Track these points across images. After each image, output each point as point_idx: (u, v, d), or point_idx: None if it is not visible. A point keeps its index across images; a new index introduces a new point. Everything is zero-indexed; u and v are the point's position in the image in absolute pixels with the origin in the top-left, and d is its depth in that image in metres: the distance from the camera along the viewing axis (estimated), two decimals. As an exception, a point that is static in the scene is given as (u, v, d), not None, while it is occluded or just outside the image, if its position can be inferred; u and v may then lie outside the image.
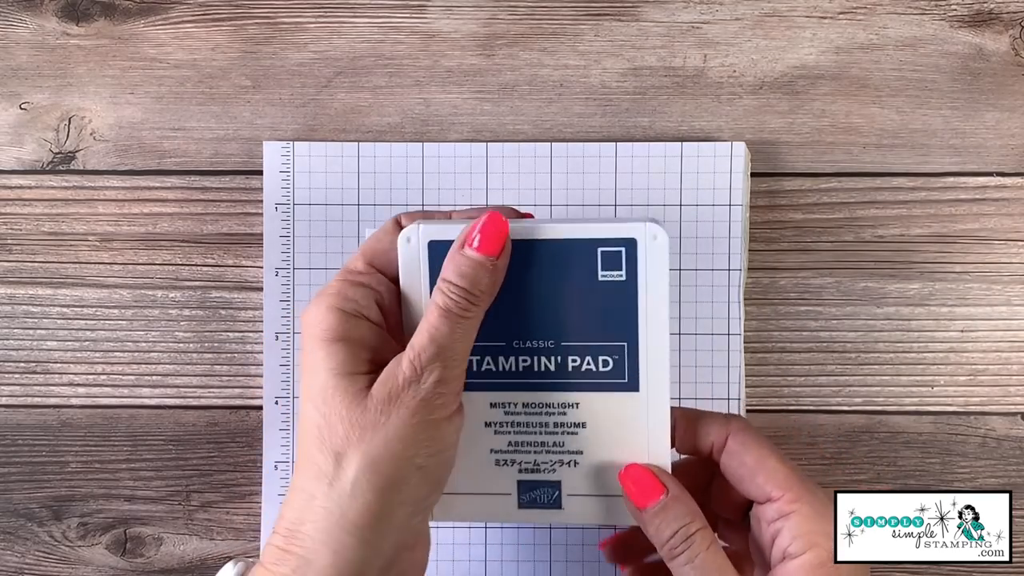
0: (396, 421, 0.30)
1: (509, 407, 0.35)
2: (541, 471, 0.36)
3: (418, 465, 0.31)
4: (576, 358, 0.34)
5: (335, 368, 0.31)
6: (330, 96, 0.45)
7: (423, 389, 0.31)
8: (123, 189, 0.45)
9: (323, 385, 0.31)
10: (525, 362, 0.34)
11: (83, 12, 0.45)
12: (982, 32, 0.45)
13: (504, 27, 0.45)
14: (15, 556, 0.46)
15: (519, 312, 0.34)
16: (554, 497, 0.36)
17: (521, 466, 0.36)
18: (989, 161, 0.45)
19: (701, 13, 0.45)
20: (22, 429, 0.46)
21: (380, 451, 0.30)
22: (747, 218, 0.45)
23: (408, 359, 0.31)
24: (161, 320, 0.45)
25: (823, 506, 0.33)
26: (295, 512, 0.31)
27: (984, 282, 0.45)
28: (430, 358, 0.31)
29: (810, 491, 0.33)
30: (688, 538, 0.32)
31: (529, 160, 0.45)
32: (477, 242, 0.31)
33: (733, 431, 0.34)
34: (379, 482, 0.30)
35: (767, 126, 0.45)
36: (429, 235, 0.33)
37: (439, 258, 0.32)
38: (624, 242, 0.33)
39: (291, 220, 0.45)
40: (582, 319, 0.33)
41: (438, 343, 0.31)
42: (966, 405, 0.45)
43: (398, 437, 0.31)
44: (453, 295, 0.31)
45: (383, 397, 0.31)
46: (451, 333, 0.31)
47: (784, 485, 0.33)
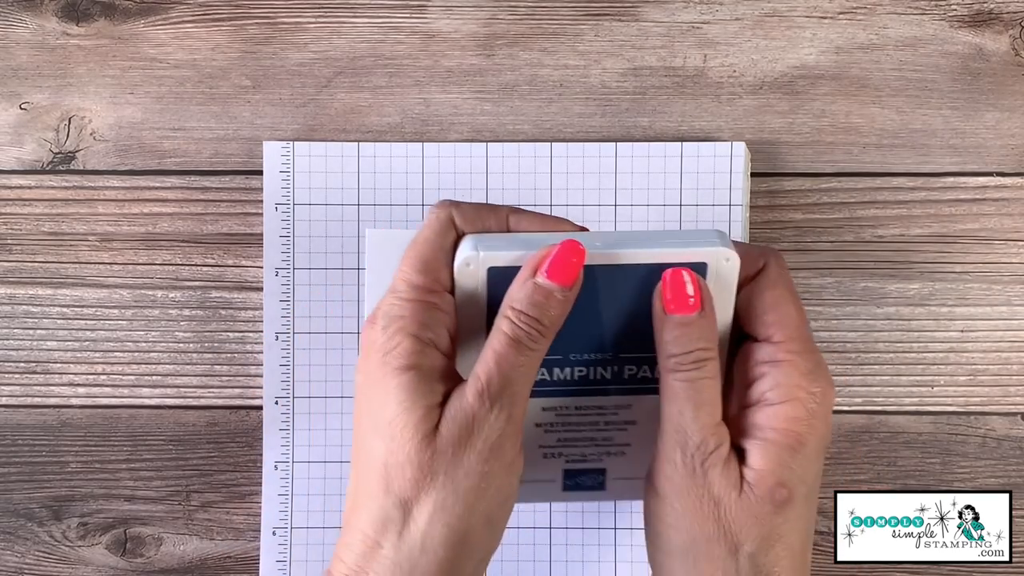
0: (467, 468, 0.29)
1: (561, 410, 0.34)
2: (587, 461, 0.35)
3: (487, 517, 0.30)
4: (633, 367, 0.33)
5: (406, 402, 0.29)
6: (330, 96, 0.45)
7: (494, 428, 0.29)
8: (123, 189, 0.45)
9: (391, 419, 0.29)
10: (581, 372, 0.33)
11: (83, 12, 0.45)
12: (982, 32, 0.45)
13: (504, 27, 0.45)
14: (15, 556, 0.46)
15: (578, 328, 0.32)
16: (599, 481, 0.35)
17: (568, 458, 0.35)
18: (989, 161, 0.45)
19: (701, 13, 0.45)
20: (22, 429, 0.46)
21: (452, 503, 0.29)
22: (747, 218, 0.45)
23: (475, 390, 0.29)
24: (161, 320, 0.46)
25: (816, 366, 0.31)
26: (356, 557, 0.30)
27: (984, 282, 0.45)
28: (499, 389, 0.29)
29: (809, 348, 0.31)
30: (698, 361, 0.30)
31: (529, 160, 0.45)
32: (550, 270, 0.29)
33: (773, 263, 0.32)
34: (451, 537, 0.29)
35: (767, 126, 0.45)
36: (489, 261, 0.31)
37: (499, 284, 0.31)
38: (694, 266, 0.31)
39: (291, 220, 0.45)
40: (643, 335, 0.32)
41: (506, 373, 0.29)
42: (966, 405, 0.45)
43: (470, 487, 0.29)
44: (523, 324, 0.29)
45: (453, 438, 0.29)
46: (518, 364, 0.29)
47: (791, 334, 0.31)
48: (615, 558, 0.45)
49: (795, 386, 0.30)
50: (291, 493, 0.45)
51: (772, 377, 0.31)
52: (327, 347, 0.45)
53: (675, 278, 0.30)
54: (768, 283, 0.32)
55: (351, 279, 0.45)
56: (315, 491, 0.45)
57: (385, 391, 0.29)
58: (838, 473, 0.45)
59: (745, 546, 0.30)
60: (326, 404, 0.45)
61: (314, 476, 0.45)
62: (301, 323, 0.45)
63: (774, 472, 0.30)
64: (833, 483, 0.45)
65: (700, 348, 0.30)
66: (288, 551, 0.45)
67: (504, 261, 0.31)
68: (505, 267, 0.31)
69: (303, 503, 0.45)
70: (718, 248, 0.31)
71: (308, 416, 0.45)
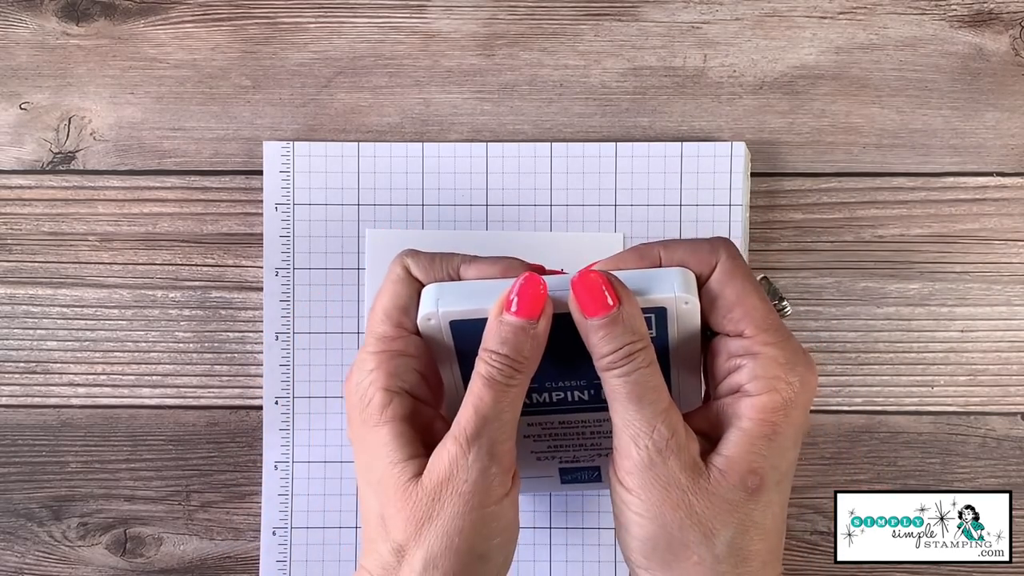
0: (451, 511, 0.30)
1: (547, 425, 0.35)
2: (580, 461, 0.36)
3: (480, 555, 0.30)
4: None
5: (388, 457, 0.31)
6: (330, 96, 0.45)
7: (473, 469, 0.30)
8: (123, 189, 0.45)
9: (379, 474, 0.31)
10: (559, 396, 0.34)
11: (83, 12, 0.45)
12: (982, 32, 0.45)
13: (504, 27, 0.45)
14: (15, 556, 0.46)
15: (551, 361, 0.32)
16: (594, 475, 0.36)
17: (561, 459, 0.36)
18: (989, 161, 0.45)
19: (701, 13, 0.45)
20: (22, 429, 0.46)
21: (438, 548, 0.30)
22: (747, 218, 0.45)
23: (453, 436, 0.30)
24: (161, 320, 0.46)
25: (793, 354, 0.31)
26: None
27: (984, 282, 0.45)
28: (476, 431, 0.30)
29: (783, 337, 0.31)
30: (629, 355, 0.30)
31: (529, 160, 0.45)
32: (516, 306, 0.30)
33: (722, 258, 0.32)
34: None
35: (767, 126, 0.45)
36: (450, 316, 0.32)
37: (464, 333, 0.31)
38: (653, 310, 0.31)
39: (291, 220, 0.45)
40: None
41: (482, 414, 0.30)
42: (966, 405, 0.45)
43: (455, 530, 0.30)
44: (495, 363, 0.30)
45: (434, 485, 0.30)
46: (496, 403, 0.30)
47: (761, 325, 0.31)
48: (615, 558, 0.45)
49: (773, 377, 0.31)
50: (291, 493, 0.45)
51: (749, 369, 0.31)
52: (327, 347, 0.45)
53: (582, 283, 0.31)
54: (726, 278, 0.32)
55: (351, 279, 0.45)
56: (315, 491, 0.45)
57: (369, 448, 0.31)
58: (838, 473, 0.45)
59: (721, 533, 0.30)
60: (326, 404, 0.45)
61: (314, 476, 0.45)
62: (301, 323, 0.45)
63: (745, 459, 0.30)
64: (833, 483, 0.45)
65: (628, 343, 0.30)
66: (288, 551, 0.45)
67: (463, 312, 0.32)
68: (465, 318, 0.32)
69: (303, 503, 0.45)
70: (676, 295, 0.31)
71: (308, 416, 0.45)
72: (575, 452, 0.35)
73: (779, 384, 0.31)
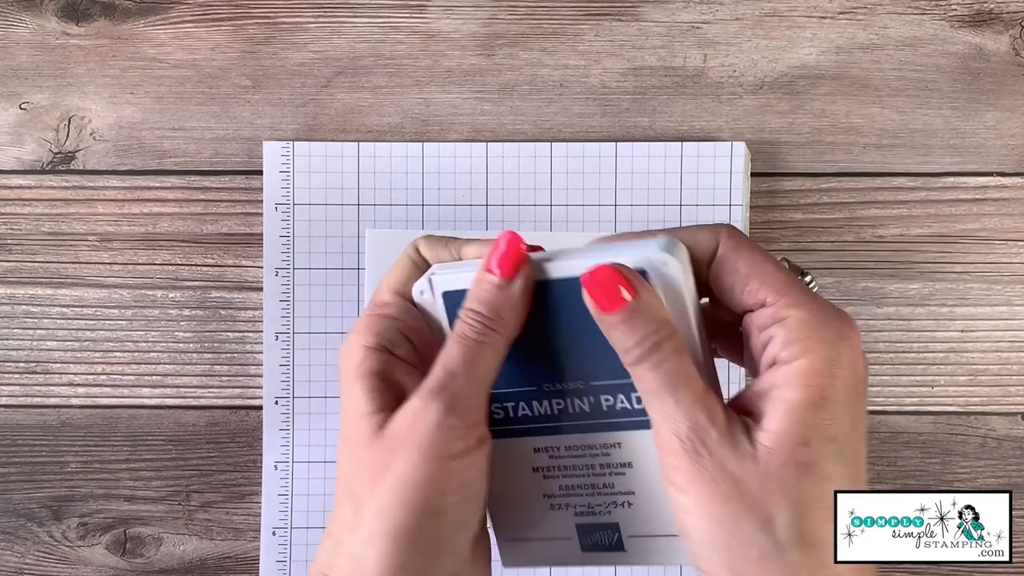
0: (405, 462, 0.29)
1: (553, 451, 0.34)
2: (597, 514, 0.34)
3: (433, 511, 0.30)
4: (608, 397, 0.33)
5: (356, 408, 0.30)
6: (330, 96, 0.45)
7: (430, 420, 0.29)
8: (123, 189, 0.45)
9: (350, 432, 0.30)
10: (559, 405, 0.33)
11: (83, 12, 0.45)
12: (982, 32, 0.45)
13: (504, 27, 0.45)
14: (15, 556, 0.46)
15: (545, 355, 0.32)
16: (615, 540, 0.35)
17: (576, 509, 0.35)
18: (989, 161, 0.45)
19: (701, 13, 0.45)
20: (22, 429, 0.46)
21: (389, 499, 0.29)
22: (747, 218, 0.45)
23: (418, 390, 0.30)
24: (161, 320, 0.45)
25: (822, 311, 0.29)
26: (326, 555, 0.31)
27: (984, 282, 0.45)
28: (439, 385, 0.29)
29: (808, 297, 0.29)
30: (656, 346, 0.29)
31: (529, 160, 0.45)
32: (492, 264, 0.30)
33: (724, 237, 0.31)
34: (391, 530, 0.29)
35: (767, 126, 0.45)
36: (442, 286, 0.32)
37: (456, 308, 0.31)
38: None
39: (291, 220, 0.45)
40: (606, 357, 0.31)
41: (448, 369, 0.30)
42: (966, 405, 0.45)
43: (407, 482, 0.29)
44: (468, 319, 0.30)
45: (394, 435, 0.29)
46: (464, 359, 0.30)
47: (780, 289, 0.29)
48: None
49: (806, 338, 0.28)
50: (291, 493, 0.45)
51: (780, 336, 0.29)
52: (327, 347, 0.45)
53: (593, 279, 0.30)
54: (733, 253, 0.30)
55: (351, 279, 0.45)
56: (315, 491, 0.45)
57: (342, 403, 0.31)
58: (838, 473, 0.45)
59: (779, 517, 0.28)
60: (326, 404, 0.45)
61: (314, 476, 0.45)
62: (301, 323, 0.45)
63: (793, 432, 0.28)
64: (833, 483, 0.45)
65: (651, 331, 0.29)
66: (288, 551, 0.45)
67: (452, 282, 0.32)
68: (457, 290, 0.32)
69: (303, 503, 0.45)
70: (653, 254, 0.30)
71: (308, 416, 0.45)
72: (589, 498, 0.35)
73: (814, 344, 0.28)
